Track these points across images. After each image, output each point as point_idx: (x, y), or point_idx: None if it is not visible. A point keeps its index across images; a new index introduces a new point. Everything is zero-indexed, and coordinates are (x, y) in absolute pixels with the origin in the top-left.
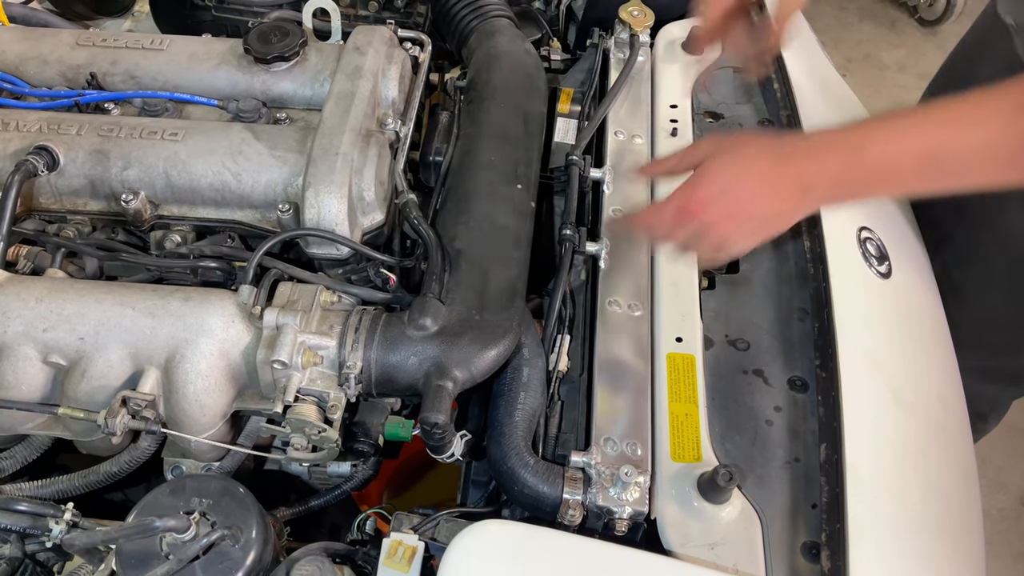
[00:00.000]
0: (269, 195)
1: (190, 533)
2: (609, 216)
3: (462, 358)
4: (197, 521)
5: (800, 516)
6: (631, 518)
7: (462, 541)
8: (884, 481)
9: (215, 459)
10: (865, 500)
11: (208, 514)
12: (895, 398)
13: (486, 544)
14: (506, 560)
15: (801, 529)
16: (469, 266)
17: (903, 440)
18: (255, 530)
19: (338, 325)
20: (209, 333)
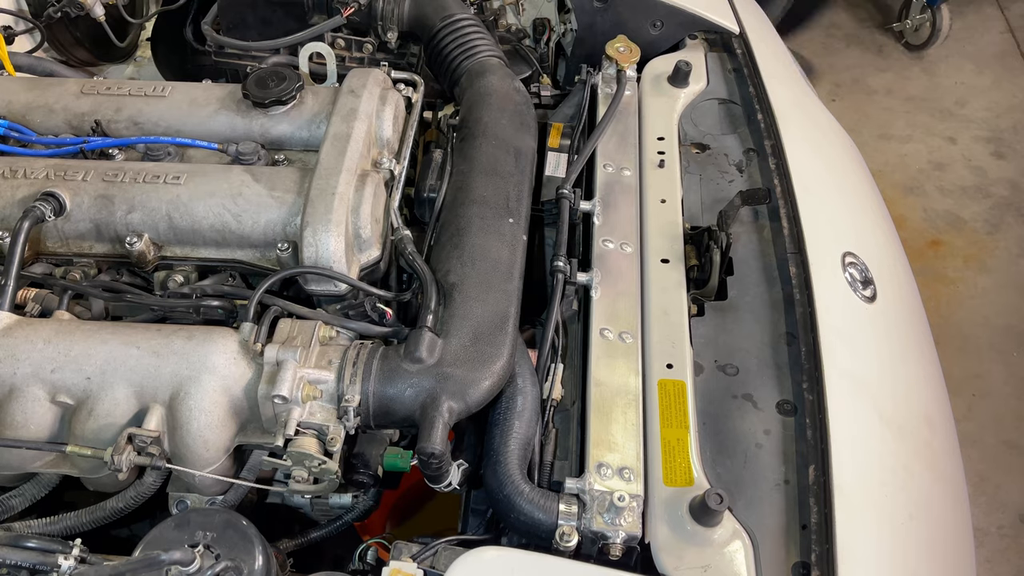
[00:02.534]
0: (269, 235)
1: (195, 566)
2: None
3: (457, 389)
4: (202, 554)
5: (791, 537)
6: (625, 542)
7: (459, 568)
8: (872, 501)
9: (219, 493)
10: (854, 520)
11: (212, 547)
12: (882, 419)
13: (483, 571)
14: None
15: (792, 550)
16: (463, 299)
17: (890, 460)
18: (258, 561)
19: (336, 359)
20: (212, 370)
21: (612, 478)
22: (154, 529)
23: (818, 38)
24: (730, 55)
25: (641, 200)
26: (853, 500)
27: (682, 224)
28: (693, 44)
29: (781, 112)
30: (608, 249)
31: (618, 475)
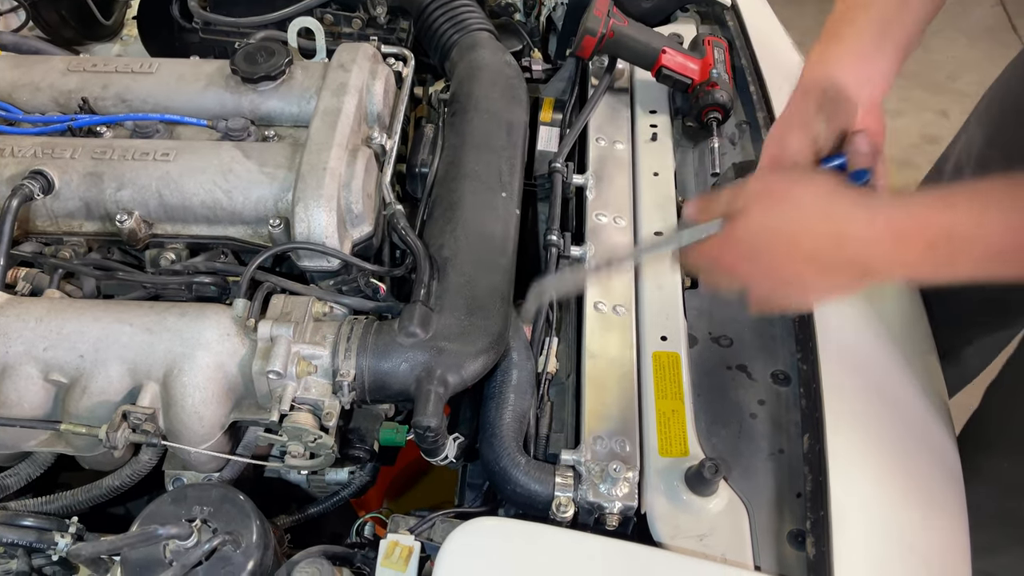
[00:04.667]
0: (260, 211)
1: (192, 540)
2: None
3: (452, 363)
4: (199, 528)
5: (785, 505)
6: (621, 512)
7: (456, 538)
8: (866, 468)
9: (215, 470)
10: (847, 488)
11: (209, 521)
12: (875, 388)
13: (480, 540)
14: (500, 555)
15: (787, 518)
16: (456, 273)
17: (883, 428)
18: (255, 535)
19: (330, 335)
20: (206, 346)
21: (608, 449)
22: (151, 504)
23: (811, 12)
24: (722, 27)
25: (634, 173)
26: (847, 468)
27: (675, 197)
28: (685, 17)
29: (774, 84)
30: (601, 223)
31: (614, 446)
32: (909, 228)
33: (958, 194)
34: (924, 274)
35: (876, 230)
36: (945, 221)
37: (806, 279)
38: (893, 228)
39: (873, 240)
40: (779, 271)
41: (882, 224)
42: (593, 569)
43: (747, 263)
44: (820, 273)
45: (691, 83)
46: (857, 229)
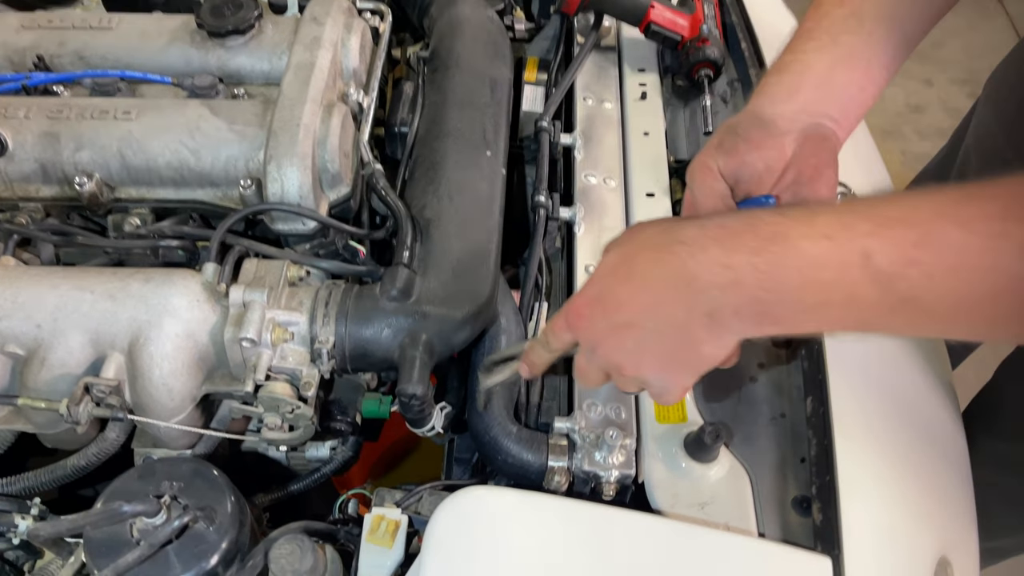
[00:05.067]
0: (230, 171)
1: (161, 517)
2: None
3: (438, 328)
4: (168, 504)
5: (789, 471)
6: (618, 481)
7: (446, 508)
8: (871, 432)
9: (187, 446)
10: (853, 451)
11: (180, 497)
12: (877, 352)
13: (472, 510)
14: (493, 525)
15: (791, 484)
16: (441, 235)
17: (887, 392)
18: (230, 511)
19: (307, 300)
20: (173, 313)
21: (603, 416)
22: (116, 480)
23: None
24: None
25: (624, 133)
26: (852, 432)
27: (667, 157)
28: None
29: (765, 41)
30: (591, 184)
31: (609, 413)
32: (737, 227)
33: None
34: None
35: (703, 232)
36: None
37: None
38: (721, 228)
39: (697, 244)
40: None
41: (712, 227)
42: (592, 538)
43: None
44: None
45: (681, 39)
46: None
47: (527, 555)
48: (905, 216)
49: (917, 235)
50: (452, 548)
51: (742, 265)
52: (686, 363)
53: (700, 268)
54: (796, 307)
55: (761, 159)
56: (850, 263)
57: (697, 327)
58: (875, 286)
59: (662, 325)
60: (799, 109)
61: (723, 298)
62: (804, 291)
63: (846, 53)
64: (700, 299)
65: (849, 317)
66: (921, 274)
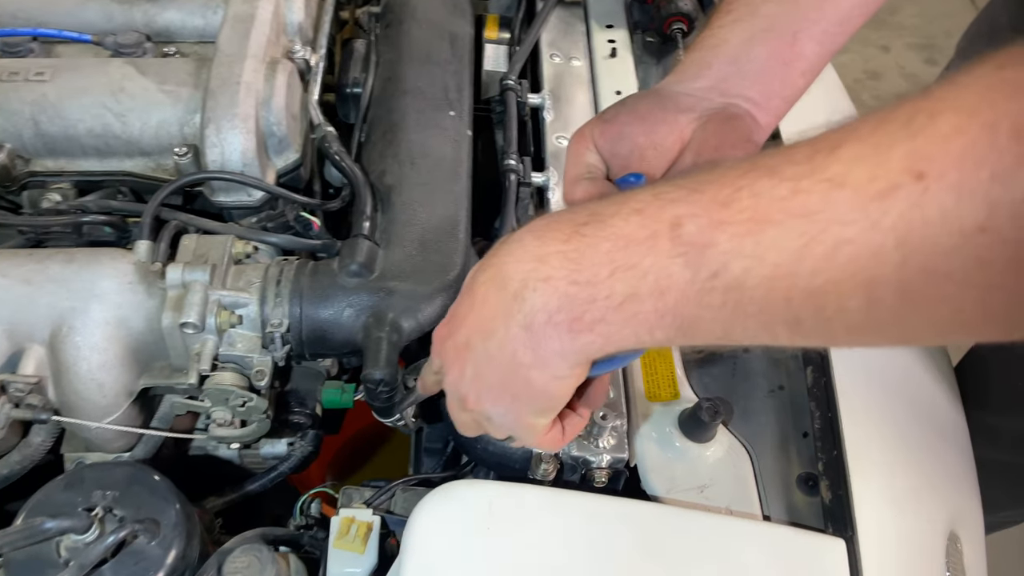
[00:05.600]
0: (162, 138)
1: (92, 533)
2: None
3: (405, 305)
4: (101, 518)
5: (791, 447)
6: (610, 466)
7: (427, 507)
8: (873, 403)
9: (124, 448)
10: (858, 424)
11: (115, 508)
12: None
13: (456, 507)
14: (480, 523)
15: (794, 460)
16: (404, 203)
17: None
18: (175, 521)
19: (256, 279)
20: (101, 298)
21: None
22: (38, 492)
23: None
24: None
25: (595, 93)
26: (854, 402)
27: None
28: None
29: None
30: (563, 146)
31: None
32: (561, 215)
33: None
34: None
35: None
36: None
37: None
38: (544, 219)
39: (517, 239)
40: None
41: (543, 219)
42: (587, 531)
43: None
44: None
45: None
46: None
47: (517, 554)
48: (720, 175)
49: (728, 192)
50: (435, 550)
51: (552, 256)
52: (520, 396)
53: (515, 266)
54: (608, 304)
55: (645, 133)
56: (658, 235)
57: (518, 344)
58: (686, 265)
59: (489, 344)
60: (708, 87)
61: (535, 301)
62: (614, 281)
63: (766, 25)
64: (514, 306)
65: (664, 313)
66: (731, 241)
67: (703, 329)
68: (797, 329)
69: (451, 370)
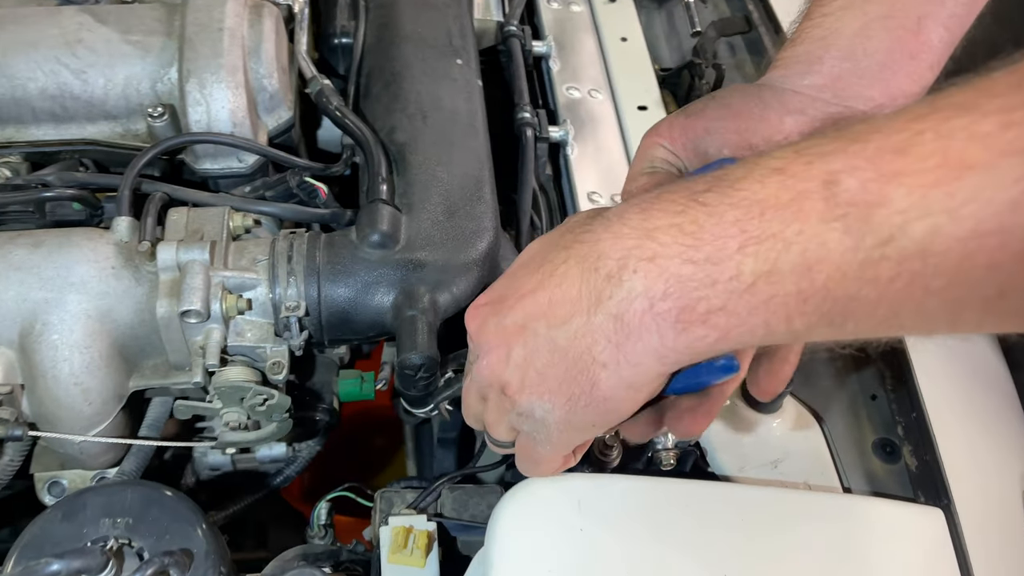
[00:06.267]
0: (131, 98)
1: (109, 572)
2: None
3: (439, 278)
4: (116, 551)
5: (861, 411)
6: (678, 446)
7: (511, 510)
8: (942, 358)
9: (111, 463)
10: (935, 383)
11: (132, 539)
12: None
13: (543, 507)
14: (572, 522)
15: (866, 426)
16: (420, 162)
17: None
18: (207, 549)
19: (262, 256)
20: (79, 287)
21: None
22: (31, 526)
23: None
24: None
25: (600, 39)
26: (925, 359)
27: (652, 66)
28: None
29: None
30: (575, 98)
31: None
32: (671, 187)
33: None
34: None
35: (632, 201)
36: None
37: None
38: (650, 195)
39: (617, 214)
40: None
41: (647, 196)
42: (686, 520)
43: (482, 326)
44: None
45: None
46: (614, 208)
47: (615, 553)
48: (885, 122)
49: (904, 137)
50: (527, 558)
51: (662, 230)
52: (577, 400)
53: (612, 243)
54: (733, 287)
55: (739, 132)
56: (807, 196)
57: (599, 336)
58: (846, 231)
59: (558, 332)
60: (821, 85)
61: (635, 285)
62: (744, 257)
63: (883, 11)
64: (607, 290)
65: (810, 295)
66: (910, 196)
67: (860, 314)
68: (997, 307)
69: (491, 352)
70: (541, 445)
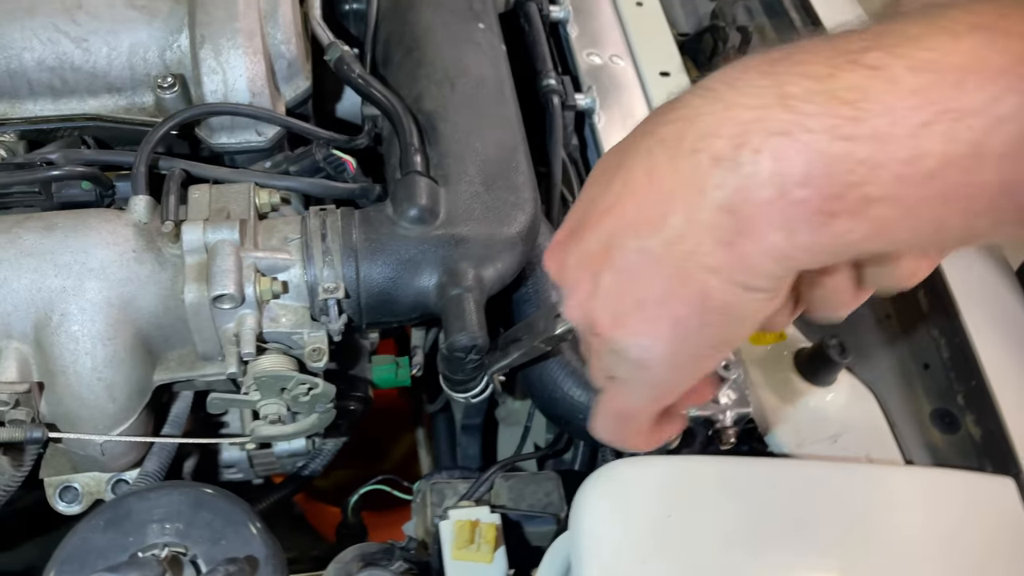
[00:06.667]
0: (137, 68)
1: None
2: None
3: (483, 253)
4: (168, 560)
5: (916, 382)
6: (736, 423)
7: (594, 497)
8: (997, 320)
9: (132, 464)
10: (992, 348)
11: (188, 547)
12: None
13: (627, 493)
14: (659, 508)
15: (922, 396)
16: (452, 131)
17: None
18: (266, 552)
19: (294, 235)
20: (99, 273)
21: None
22: (71, 536)
23: None
24: None
25: (616, 4)
26: (982, 324)
27: (670, 31)
28: None
29: None
30: (596, 64)
31: None
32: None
33: None
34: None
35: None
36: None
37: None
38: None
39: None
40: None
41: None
42: (777, 500)
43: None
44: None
45: None
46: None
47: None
48: None
49: None
50: (614, 547)
51: (802, 97)
52: (687, 319)
53: (720, 116)
54: (910, 172)
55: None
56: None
57: (704, 236)
58: None
59: (650, 241)
60: None
61: (761, 166)
62: (931, 135)
63: None
64: (714, 176)
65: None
66: None
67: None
68: None
69: (577, 288)
70: (635, 394)
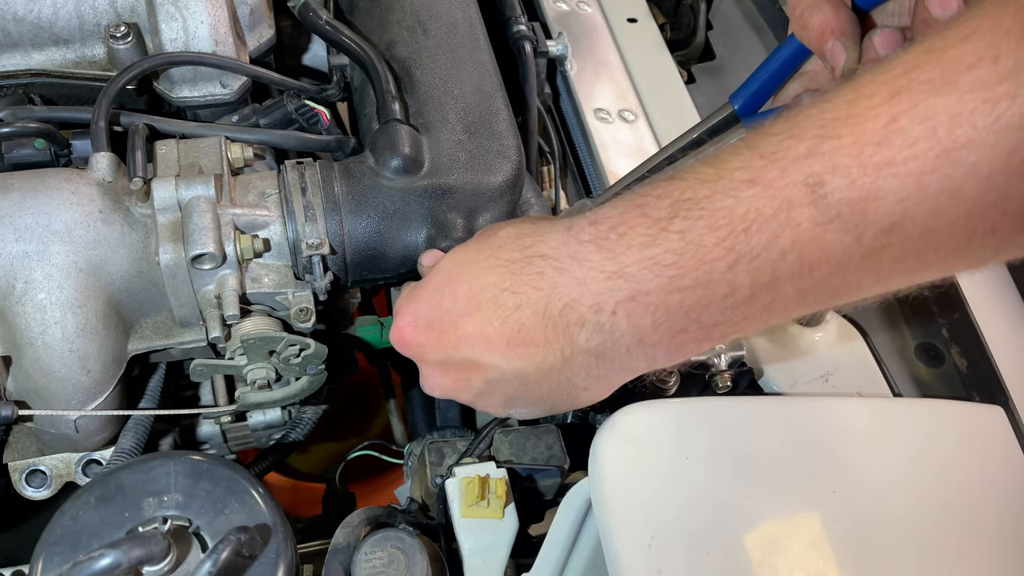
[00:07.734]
0: (86, 16)
1: (169, 559)
2: (556, 11)
3: (472, 203)
4: (171, 534)
5: (899, 318)
6: (730, 366)
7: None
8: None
9: (106, 442)
10: (974, 277)
11: (189, 517)
12: None
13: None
14: (677, 448)
15: (906, 333)
16: (429, 78)
17: None
18: (273, 520)
19: (272, 189)
20: (65, 236)
21: None
22: (58, 517)
23: None
24: None
25: None
26: None
27: None
28: None
29: None
30: (564, 10)
31: None
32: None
33: None
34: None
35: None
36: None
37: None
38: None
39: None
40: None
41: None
42: (783, 436)
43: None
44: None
45: None
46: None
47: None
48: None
49: (876, 129)
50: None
51: (636, 266)
52: (556, 407)
53: (576, 289)
54: (729, 303)
55: None
56: (793, 205)
57: (577, 370)
58: (844, 230)
59: (523, 367)
60: None
61: (619, 326)
62: (736, 275)
63: None
64: (580, 336)
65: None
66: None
67: (861, 291)
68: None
69: (443, 379)
70: None
